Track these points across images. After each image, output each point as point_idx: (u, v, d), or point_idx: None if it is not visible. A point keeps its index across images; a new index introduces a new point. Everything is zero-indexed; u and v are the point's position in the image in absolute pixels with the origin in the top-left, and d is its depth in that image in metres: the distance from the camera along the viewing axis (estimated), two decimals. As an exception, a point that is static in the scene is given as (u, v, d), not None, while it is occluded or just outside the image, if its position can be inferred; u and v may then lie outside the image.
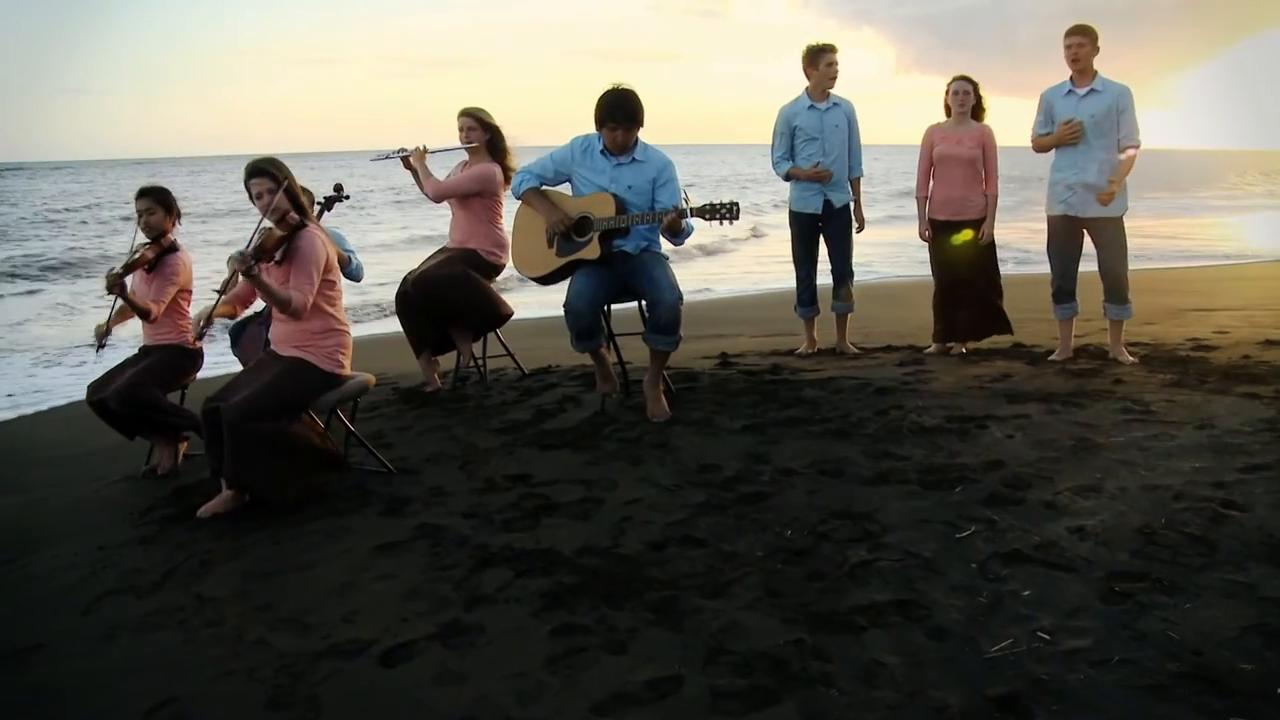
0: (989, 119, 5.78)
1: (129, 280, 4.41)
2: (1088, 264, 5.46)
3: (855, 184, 5.87)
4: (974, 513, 3.18)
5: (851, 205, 5.89)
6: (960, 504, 3.26)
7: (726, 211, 4.25)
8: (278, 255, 3.79)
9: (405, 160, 5.45)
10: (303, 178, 4.14)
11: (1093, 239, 5.29)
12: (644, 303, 4.59)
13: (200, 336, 4.07)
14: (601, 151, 4.47)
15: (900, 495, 3.38)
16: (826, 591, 2.72)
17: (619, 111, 4.32)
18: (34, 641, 2.89)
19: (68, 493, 4.51)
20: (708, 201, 4.30)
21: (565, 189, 4.68)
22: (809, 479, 3.60)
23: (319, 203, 5.62)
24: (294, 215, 3.82)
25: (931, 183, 5.80)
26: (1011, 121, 5.89)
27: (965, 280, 5.78)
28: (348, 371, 3.97)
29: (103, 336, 4.49)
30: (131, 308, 4.37)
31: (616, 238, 4.46)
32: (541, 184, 4.61)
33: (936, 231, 5.79)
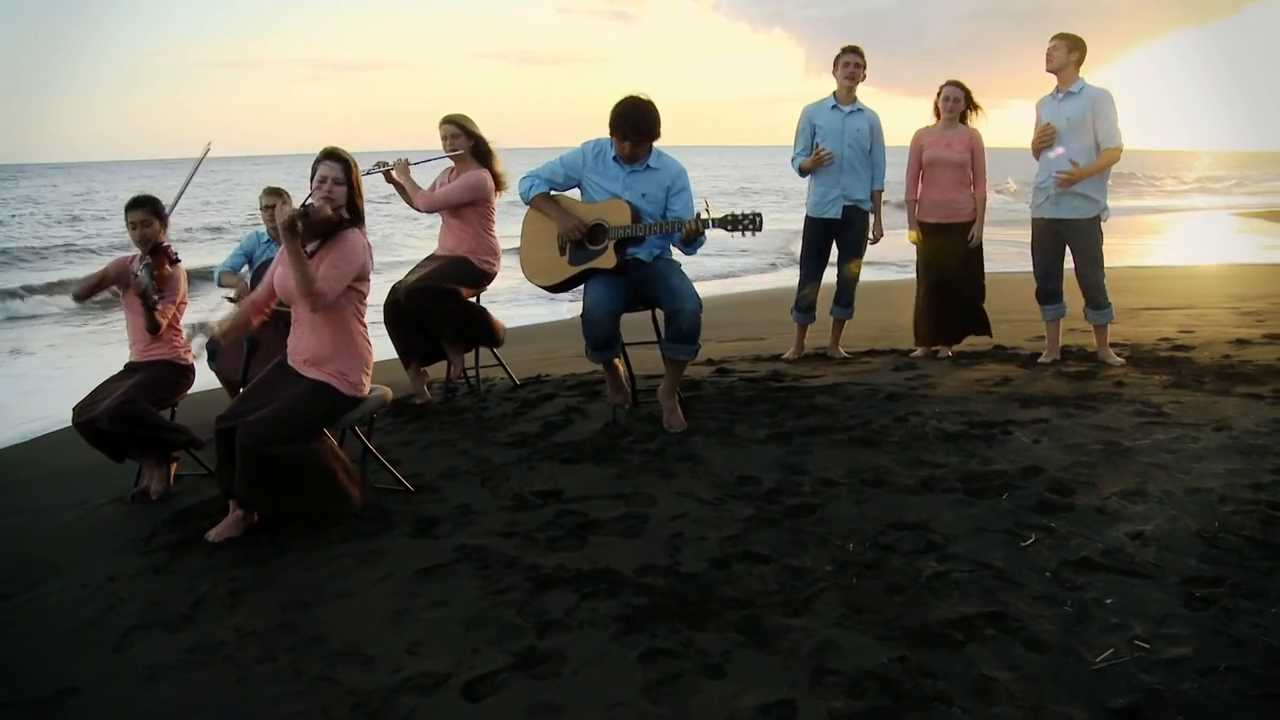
0: (977, 122, 5.85)
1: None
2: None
3: (876, 196, 5.86)
4: (1029, 520, 3.19)
5: (871, 215, 5.88)
6: (1012, 511, 3.27)
7: (749, 223, 4.20)
8: (311, 247, 3.64)
9: (387, 175, 5.29)
10: (235, 183, 3.99)
11: (1069, 242, 5.39)
12: (658, 311, 4.51)
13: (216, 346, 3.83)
14: (614, 158, 4.38)
15: (949, 504, 3.38)
16: (911, 606, 2.69)
17: (629, 125, 4.23)
18: (67, 684, 2.69)
19: (51, 519, 4.23)
20: (729, 212, 4.24)
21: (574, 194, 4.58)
22: (852, 489, 3.57)
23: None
24: (346, 212, 3.66)
25: (920, 186, 5.86)
26: (921, 121, 5.88)
27: (952, 284, 5.84)
28: (367, 390, 3.81)
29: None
30: (149, 320, 4.15)
31: (631, 246, 4.38)
32: (551, 189, 4.50)
33: (925, 235, 5.84)
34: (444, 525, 3.57)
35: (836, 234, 5.86)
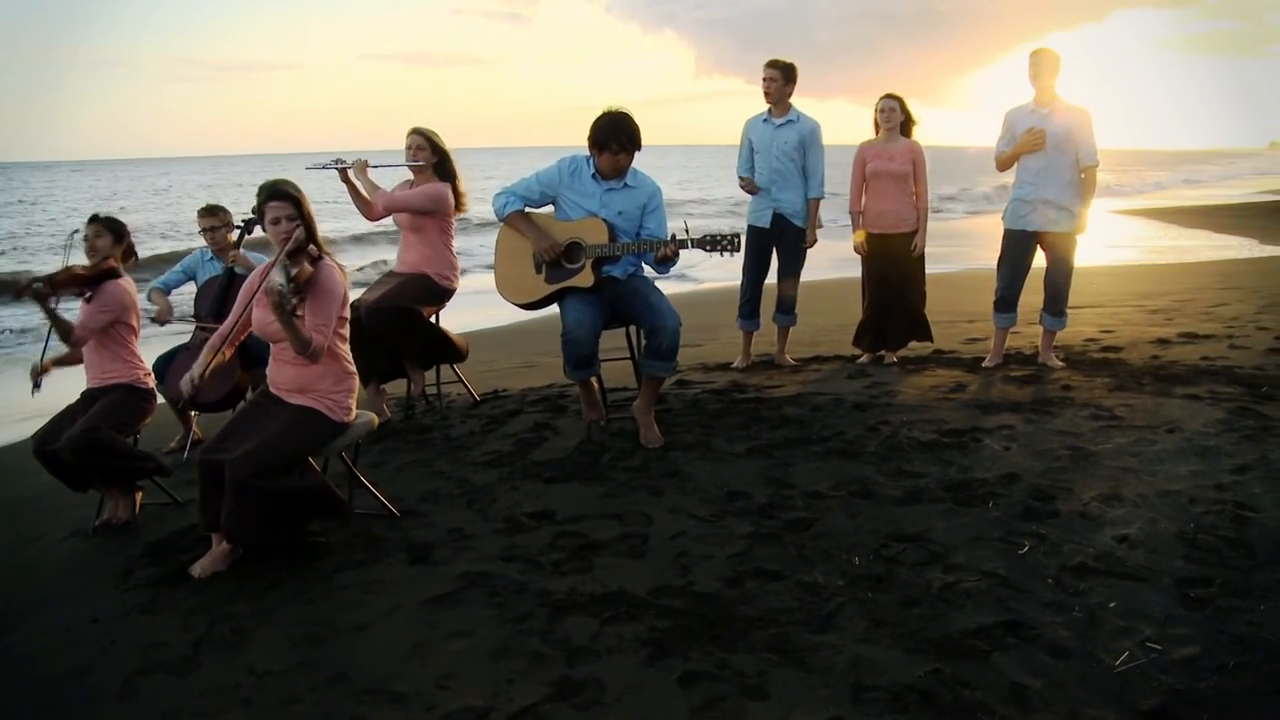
0: (916, 134, 6.04)
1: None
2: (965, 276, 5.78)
3: (813, 205, 5.96)
4: (1019, 528, 3.34)
5: (807, 225, 5.98)
6: (1002, 520, 3.41)
7: (728, 243, 4.27)
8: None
9: (343, 173, 5.16)
10: (135, 184, 3.88)
11: (1045, 251, 5.61)
12: (635, 329, 4.55)
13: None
14: (592, 175, 4.40)
15: (940, 514, 3.50)
16: (929, 618, 2.79)
17: (623, 135, 4.27)
18: (79, 738, 2.59)
19: (8, 557, 4.03)
20: (707, 232, 4.31)
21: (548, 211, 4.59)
22: (843, 502, 3.67)
23: (238, 225, 5.29)
24: (314, 247, 3.57)
25: (864, 197, 6.02)
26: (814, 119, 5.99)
27: (897, 292, 6.02)
28: (353, 415, 3.75)
29: (38, 375, 4.11)
30: (52, 321, 3.96)
31: (606, 264, 4.41)
32: (525, 206, 4.50)
33: (870, 245, 6.01)
34: (440, 551, 3.54)
35: (775, 243, 5.98)
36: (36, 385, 4.12)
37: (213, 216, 5.36)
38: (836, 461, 4.09)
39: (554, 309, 4.60)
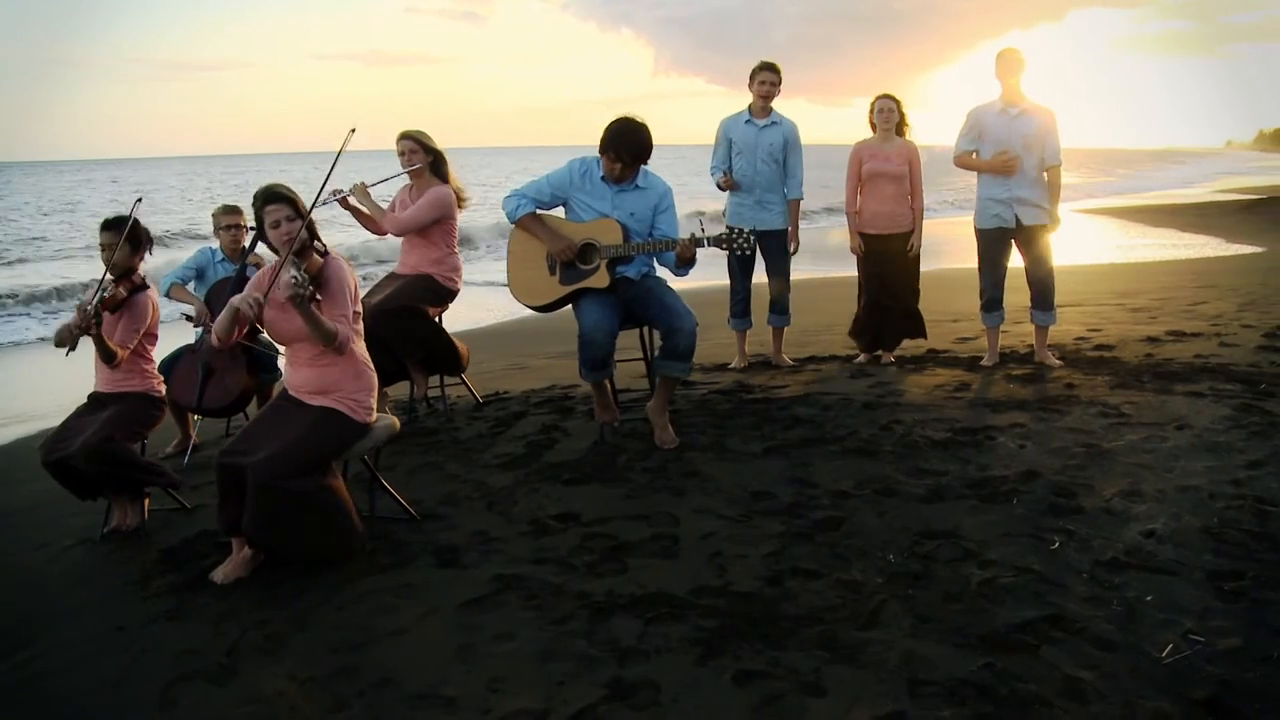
0: (909, 135, 6.09)
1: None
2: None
3: (794, 205, 6.00)
4: (1047, 524, 3.38)
5: (788, 228, 6.01)
6: (1029, 516, 3.46)
7: (744, 241, 4.29)
8: None
9: (343, 202, 5.10)
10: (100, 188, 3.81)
11: (1021, 249, 5.69)
12: (650, 330, 4.56)
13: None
14: (602, 177, 4.40)
15: (967, 511, 3.54)
16: (973, 613, 2.82)
17: (623, 149, 4.27)
18: (125, 750, 2.54)
19: (15, 566, 3.94)
20: (723, 231, 4.33)
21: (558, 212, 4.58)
22: (868, 500, 3.70)
23: (252, 227, 5.22)
24: (319, 244, 3.54)
25: (860, 198, 6.06)
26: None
27: (894, 292, 6.08)
28: (375, 417, 3.71)
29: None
30: (100, 347, 3.90)
31: (620, 265, 4.41)
32: (537, 208, 4.49)
33: (867, 245, 6.05)
34: (468, 554, 3.52)
35: (761, 244, 6.00)
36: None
37: (237, 215, 5.31)
38: (855, 460, 4.12)
39: (562, 311, 4.60)
